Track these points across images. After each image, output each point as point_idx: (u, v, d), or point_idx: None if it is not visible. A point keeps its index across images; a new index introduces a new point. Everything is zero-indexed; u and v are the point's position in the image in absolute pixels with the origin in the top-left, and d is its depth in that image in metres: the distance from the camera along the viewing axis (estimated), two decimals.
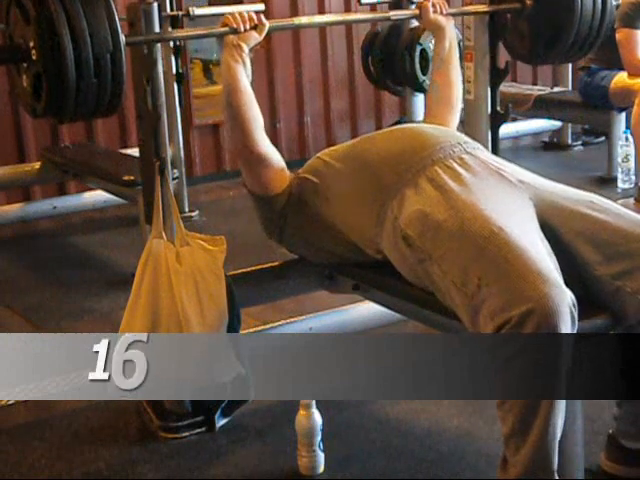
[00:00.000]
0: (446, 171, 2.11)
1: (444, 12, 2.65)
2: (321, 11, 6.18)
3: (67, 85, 2.05)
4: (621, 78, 4.76)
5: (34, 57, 2.07)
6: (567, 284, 1.83)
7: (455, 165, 2.13)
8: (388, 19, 2.99)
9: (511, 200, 2.07)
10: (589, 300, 1.88)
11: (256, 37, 2.38)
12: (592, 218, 2.05)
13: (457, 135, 2.30)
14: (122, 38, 2.15)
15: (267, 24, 2.41)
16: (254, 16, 2.39)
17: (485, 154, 2.24)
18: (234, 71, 2.31)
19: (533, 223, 2.03)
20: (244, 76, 2.32)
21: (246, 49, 2.35)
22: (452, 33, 2.67)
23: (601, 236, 2.02)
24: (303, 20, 2.55)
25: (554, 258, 1.93)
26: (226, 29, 2.37)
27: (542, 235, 1.99)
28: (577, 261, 2.02)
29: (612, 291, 1.98)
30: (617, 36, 4.62)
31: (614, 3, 2.89)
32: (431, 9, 2.62)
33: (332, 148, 2.45)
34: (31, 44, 2.07)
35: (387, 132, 2.41)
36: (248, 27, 2.37)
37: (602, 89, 4.82)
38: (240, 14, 2.37)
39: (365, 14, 3.41)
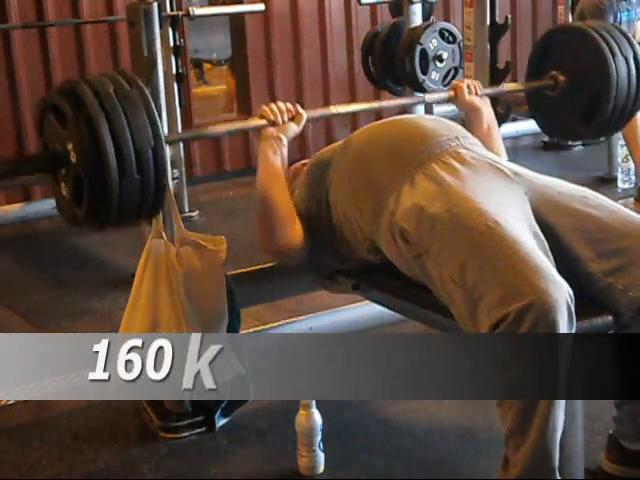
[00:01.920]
0: (442, 166, 2.11)
1: (479, 93, 2.56)
2: (321, 11, 6.19)
3: (109, 183, 1.95)
4: None
5: (73, 160, 1.98)
6: None
7: (451, 160, 2.13)
8: (423, 101, 2.91)
9: (507, 194, 2.07)
10: (582, 296, 1.88)
11: (295, 128, 2.33)
12: (585, 214, 2.06)
13: (455, 128, 2.28)
14: (163, 132, 2.06)
15: (304, 114, 2.34)
16: (291, 107, 2.33)
17: (482, 149, 2.24)
18: (274, 166, 2.28)
19: (529, 218, 2.03)
20: (281, 170, 2.30)
21: (285, 141, 2.31)
22: (490, 113, 2.56)
23: (594, 233, 2.03)
24: (340, 109, 2.48)
25: (550, 254, 1.93)
26: (264, 122, 2.30)
27: (538, 230, 1.99)
28: (570, 257, 2.02)
29: (604, 287, 1.99)
30: None
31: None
32: (466, 90, 2.54)
33: (324, 149, 2.45)
34: (69, 147, 1.98)
35: (383, 124, 2.38)
36: (286, 118, 2.31)
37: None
38: (277, 106, 2.31)
39: (402, 100, 3.31)
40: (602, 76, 2.64)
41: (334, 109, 2.50)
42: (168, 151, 2.08)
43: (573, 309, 1.79)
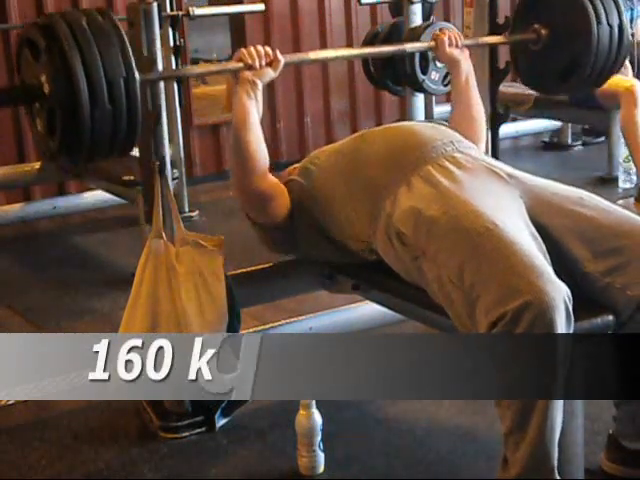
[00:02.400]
0: (439, 170, 2.13)
1: (460, 45, 2.59)
2: (321, 11, 6.19)
3: (81, 113, 1.97)
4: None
5: (46, 91, 2.01)
6: None
7: (447, 164, 2.14)
8: (404, 51, 2.92)
9: (503, 197, 2.08)
10: (580, 297, 1.88)
11: (271, 74, 2.34)
12: (581, 215, 2.06)
13: (450, 133, 2.30)
14: (135, 69, 2.07)
15: (282, 60, 2.36)
16: (269, 51, 2.34)
17: (477, 153, 2.25)
18: (246, 108, 2.29)
19: (525, 219, 2.04)
20: (255, 113, 2.30)
21: (260, 86, 2.32)
22: (469, 66, 2.60)
23: (590, 233, 2.03)
24: (318, 55, 2.47)
25: (547, 254, 1.94)
26: (241, 65, 2.32)
27: (535, 231, 2.00)
28: (567, 258, 2.03)
29: (602, 287, 1.99)
30: None
31: (630, 35, 2.81)
32: (447, 42, 2.57)
33: (321, 149, 2.46)
34: (42, 79, 2.01)
35: (380, 130, 2.41)
36: (263, 63, 2.32)
37: (588, 92, 4.83)
38: (256, 49, 2.32)
39: (380, 47, 3.32)
40: (583, 40, 2.68)
41: (312, 55, 2.52)
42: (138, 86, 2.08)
43: (571, 309, 1.79)
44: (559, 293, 1.77)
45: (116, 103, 2.01)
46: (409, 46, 2.90)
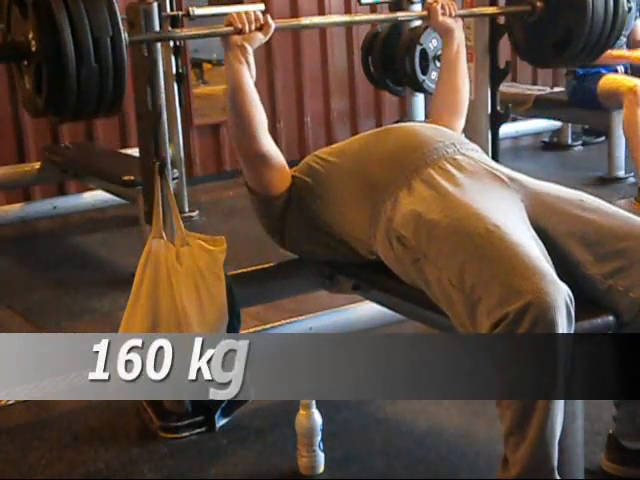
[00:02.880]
0: (440, 172, 2.12)
1: (453, 14, 2.58)
2: (321, 11, 6.18)
3: (67, 71, 1.98)
4: (608, 80, 4.78)
5: (34, 49, 2.03)
6: None
7: (448, 166, 2.14)
8: (395, 20, 2.93)
9: (504, 200, 2.08)
10: (582, 299, 1.88)
11: (261, 38, 2.31)
12: (582, 218, 2.06)
13: (451, 135, 2.29)
14: (124, 34, 2.09)
15: (273, 24, 2.33)
16: (260, 16, 2.31)
17: (478, 155, 2.25)
18: (239, 72, 2.28)
19: (526, 222, 2.04)
20: (248, 77, 2.29)
21: (250, 50, 2.29)
22: (461, 36, 2.61)
23: (591, 235, 2.03)
24: (309, 20, 2.45)
25: (548, 257, 1.93)
26: (230, 29, 2.29)
27: (535, 234, 2.00)
28: (568, 261, 2.02)
29: (604, 290, 1.99)
30: None
31: (626, 7, 2.81)
32: (440, 11, 2.56)
33: (325, 149, 2.45)
34: (30, 36, 2.04)
35: (381, 132, 2.40)
36: (253, 27, 2.30)
37: (590, 92, 4.84)
38: (246, 13, 2.29)
39: (370, 15, 3.34)
40: (578, 11, 2.68)
41: (305, 20, 2.50)
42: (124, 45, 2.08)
43: (572, 310, 1.79)
44: (560, 294, 1.77)
45: (102, 62, 2.03)
46: (402, 14, 2.91)
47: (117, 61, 2.05)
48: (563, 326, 1.76)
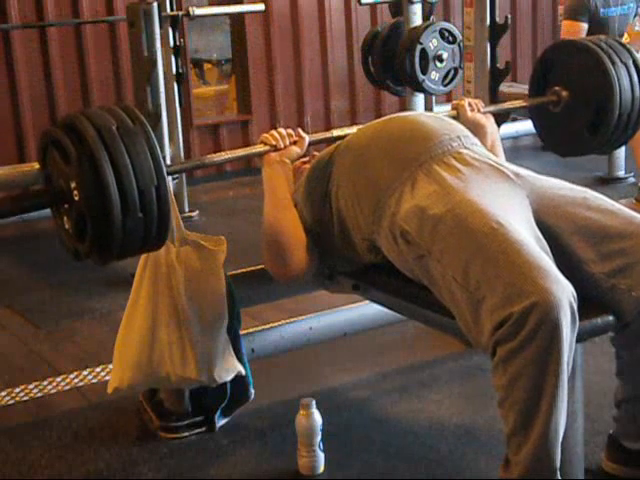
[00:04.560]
0: (444, 167, 2.10)
1: (481, 111, 2.55)
2: (321, 11, 6.19)
3: (113, 223, 1.92)
4: None
5: (76, 198, 1.95)
6: None
7: (453, 161, 2.12)
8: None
9: (509, 196, 2.07)
10: (585, 297, 1.88)
11: (297, 151, 2.32)
12: (586, 216, 2.06)
13: (456, 127, 2.26)
14: (165, 173, 2.02)
15: (307, 137, 2.33)
16: (292, 132, 2.32)
17: (483, 149, 2.23)
18: (282, 193, 2.27)
19: (530, 219, 2.03)
20: (290, 197, 2.29)
21: (290, 164, 2.30)
22: (494, 130, 2.56)
23: (595, 234, 2.03)
24: (341, 132, 2.43)
25: (550, 255, 1.93)
26: (266, 148, 2.30)
27: (539, 232, 1.99)
28: (572, 259, 2.02)
29: (607, 288, 1.99)
30: (562, 26, 5.14)
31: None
32: (468, 108, 2.54)
33: (327, 149, 2.44)
34: (72, 185, 1.95)
35: (385, 122, 2.34)
36: (287, 143, 2.30)
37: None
38: (278, 132, 2.31)
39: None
40: (604, 86, 2.62)
41: (335, 132, 2.47)
42: (169, 191, 2.04)
43: (576, 309, 1.78)
44: (565, 293, 1.77)
45: (147, 211, 1.97)
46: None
47: (162, 209, 1.99)
48: (567, 326, 1.76)
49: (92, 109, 2.05)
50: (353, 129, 2.41)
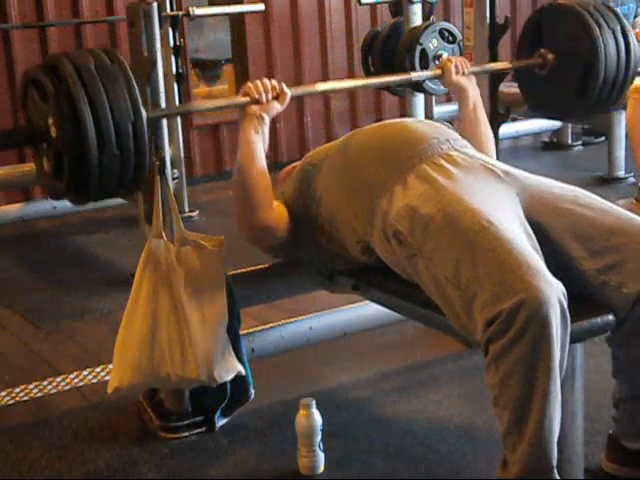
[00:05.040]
0: (434, 168, 2.13)
1: (466, 72, 2.57)
2: (321, 11, 6.19)
3: (89, 159, 1.95)
4: None
5: (53, 135, 1.98)
6: None
7: (443, 162, 2.15)
8: (410, 80, 2.89)
9: (499, 195, 2.08)
10: (576, 295, 1.88)
11: (278, 107, 2.33)
12: (576, 213, 2.07)
13: (446, 131, 2.29)
14: (143, 111, 2.05)
15: (289, 93, 2.34)
16: (276, 85, 2.33)
17: (473, 151, 2.25)
18: (253, 143, 2.29)
19: (520, 218, 2.04)
20: (261, 147, 2.31)
21: (267, 120, 2.31)
22: (475, 92, 2.58)
23: (585, 231, 2.04)
24: (325, 86, 2.42)
25: (540, 253, 1.94)
26: (247, 99, 2.31)
27: (529, 230, 2.00)
28: (562, 257, 2.03)
29: (598, 285, 2.00)
30: None
31: (635, 42, 2.75)
32: (454, 70, 2.56)
33: (318, 148, 2.46)
34: (50, 122, 1.98)
35: (375, 128, 2.39)
36: (270, 97, 2.31)
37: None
38: (262, 83, 2.31)
39: (387, 77, 3.24)
40: (590, 50, 2.64)
41: (319, 86, 2.48)
42: (145, 129, 2.04)
43: (566, 307, 1.79)
44: (554, 291, 1.77)
45: (124, 148, 1.99)
46: (415, 75, 2.86)
47: (139, 146, 2.01)
48: (557, 323, 1.76)
49: (75, 51, 2.09)
50: (336, 83, 2.43)
